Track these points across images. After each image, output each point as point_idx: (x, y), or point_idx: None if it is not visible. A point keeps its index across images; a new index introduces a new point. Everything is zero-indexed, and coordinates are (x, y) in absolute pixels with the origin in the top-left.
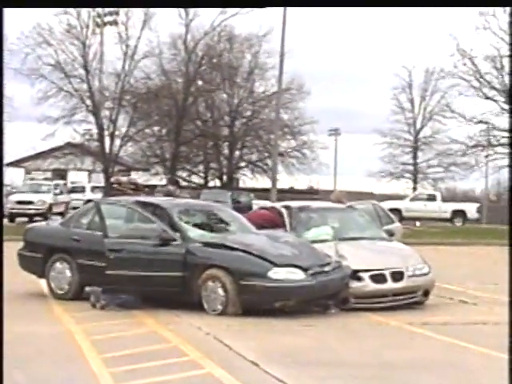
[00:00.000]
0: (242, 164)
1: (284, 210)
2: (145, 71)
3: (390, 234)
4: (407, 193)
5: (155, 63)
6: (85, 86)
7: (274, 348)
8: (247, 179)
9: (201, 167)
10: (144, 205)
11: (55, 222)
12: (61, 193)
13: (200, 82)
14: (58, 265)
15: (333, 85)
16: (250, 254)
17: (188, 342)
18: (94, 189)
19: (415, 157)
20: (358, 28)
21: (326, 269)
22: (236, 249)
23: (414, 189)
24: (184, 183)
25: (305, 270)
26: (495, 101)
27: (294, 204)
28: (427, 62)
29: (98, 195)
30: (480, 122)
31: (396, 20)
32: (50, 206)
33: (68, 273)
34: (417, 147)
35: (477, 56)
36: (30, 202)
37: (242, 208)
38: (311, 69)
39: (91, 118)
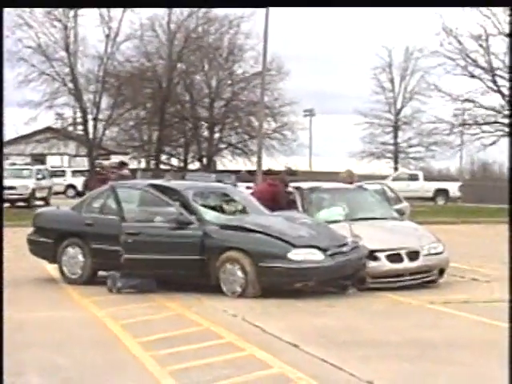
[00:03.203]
0: (222, 146)
1: (295, 191)
2: (127, 54)
3: (401, 213)
4: (383, 173)
5: (136, 45)
6: (66, 70)
7: (305, 329)
8: (227, 161)
9: (180, 150)
10: (158, 188)
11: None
12: (43, 177)
13: (179, 65)
14: (70, 249)
15: (313, 66)
16: (269, 235)
17: (218, 324)
18: (74, 173)
19: (396, 136)
20: (337, 8)
21: (344, 249)
22: (254, 230)
23: (396, 169)
24: (163, 166)
25: (324, 250)
26: (481, 79)
27: (305, 185)
28: (407, 41)
29: (79, 179)
30: (466, 100)
31: None
32: (33, 191)
33: (81, 257)
34: (397, 127)
35: (462, 35)
36: (12, 188)
37: None
38: (291, 50)
39: (74, 102)
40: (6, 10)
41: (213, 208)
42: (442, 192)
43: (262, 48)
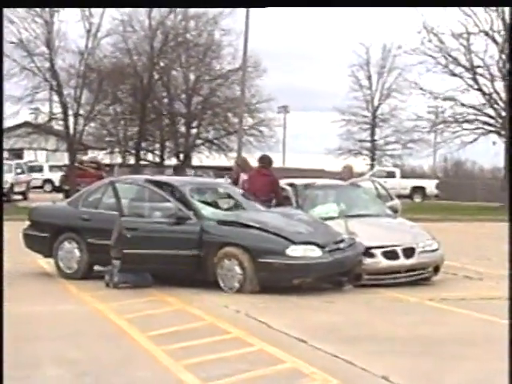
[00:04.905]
0: (199, 142)
1: (289, 188)
2: (108, 49)
3: (394, 210)
4: (358, 170)
5: (116, 42)
6: (47, 64)
7: (310, 324)
8: (204, 157)
9: (157, 145)
10: (156, 183)
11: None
12: (22, 172)
13: (160, 62)
14: (66, 244)
15: (291, 63)
16: (267, 231)
17: (222, 319)
18: (52, 168)
19: (373, 134)
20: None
21: (342, 246)
22: (252, 226)
23: (371, 166)
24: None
25: (321, 247)
26: (462, 78)
27: (299, 181)
28: (384, 38)
29: (57, 174)
30: (447, 98)
31: None
32: (12, 186)
33: (77, 252)
34: (374, 124)
35: (444, 33)
36: None
37: None
38: (268, 47)
39: (55, 97)
40: None
41: (209, 204)
42: (419, 189)
43: (239, 44)
